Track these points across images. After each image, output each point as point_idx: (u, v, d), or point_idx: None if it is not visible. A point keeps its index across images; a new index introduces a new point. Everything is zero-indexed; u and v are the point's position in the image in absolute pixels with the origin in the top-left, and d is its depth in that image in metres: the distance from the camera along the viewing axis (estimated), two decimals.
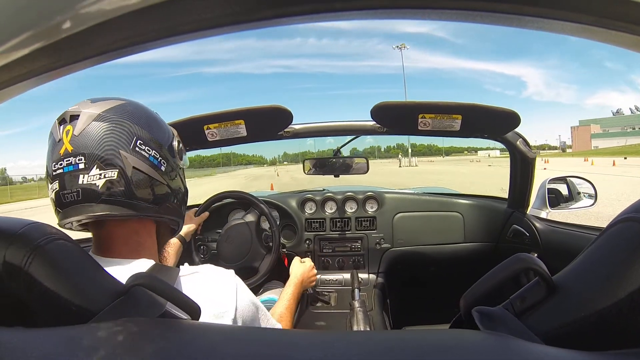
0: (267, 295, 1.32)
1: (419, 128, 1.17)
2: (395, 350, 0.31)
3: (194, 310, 0.44)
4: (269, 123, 1.25)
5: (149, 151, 0.57)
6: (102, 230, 0.57)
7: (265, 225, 1.47)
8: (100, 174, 0.52)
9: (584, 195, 1.48)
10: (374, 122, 1.28)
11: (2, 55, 0.27)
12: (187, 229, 1.26)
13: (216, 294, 0.58)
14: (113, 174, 0.53)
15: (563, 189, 1.51)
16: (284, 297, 1.08)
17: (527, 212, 1.42)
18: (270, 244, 1.40)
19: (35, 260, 0.40)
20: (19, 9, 0.25)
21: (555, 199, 1.45)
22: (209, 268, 0.62)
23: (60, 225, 0.56)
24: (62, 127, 0.54)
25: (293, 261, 1.34)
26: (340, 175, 1.58)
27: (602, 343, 0.33)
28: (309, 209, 1.73)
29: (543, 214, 1.37)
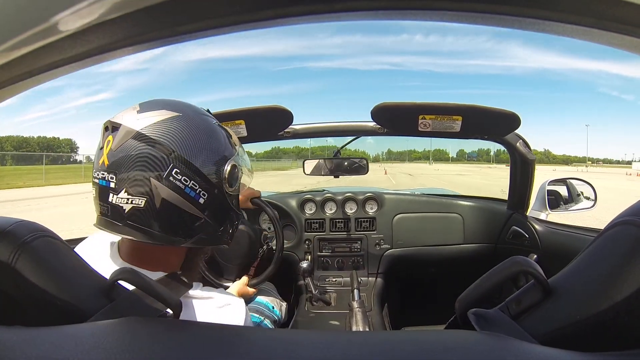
0: (261, 298, 1.30)
1: (419, 129, 1.17)
2: (394, 350, 0.31)
3: (175, 305, 0.44)
4: (269, 123, 1.25)
5: (186, 182, 0.51)
6: (132, 241, 0.55)
7: (265, 225, 1.46)
8: (128, 199, 0.50)
9: (584, 197, 1.48)
10: (374, 123, 1.28)
11: (2, 54, 0.27)
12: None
13: (229, 321, 0.55)
14: (140, 202, 0.50)
15: (563, 190, 1.51)
16: None
17: (527, 214, 1.42)
18: (270, 244, 1.40)
19: (22, 257, 0.41)
20: (19, 8, 0.25)
21: (554, 201, 1.45)
22: (222, 297, 0.58)
23: (95, 225, 0.55)
24: (106, 134, 0.52)
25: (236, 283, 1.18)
26: (339, 177, 1.58)
27: (598, 346, 0.32)
28: (309, 209, 1.73)
29: (543, 216, 1.37)
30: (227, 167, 0.56)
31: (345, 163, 1.58)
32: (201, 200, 0.53)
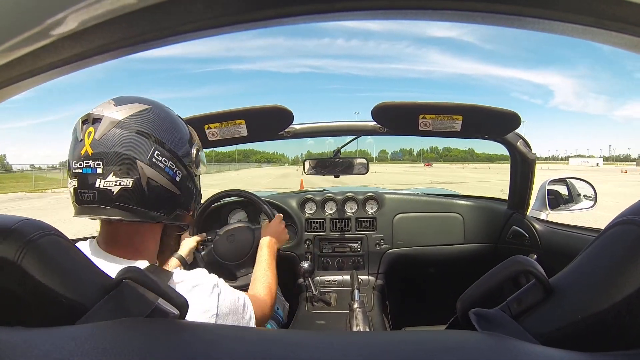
0: None
1: (420, 128, 1.17)
2: (395, 350, 0.31)
3: (182, 304, 0.44)
4: (269, 123, 1.25)
5: (166, 162, 0.59)
6: (111, 227, 0.60)
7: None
8: (117, 181, 0.55)
9: (584, 197, 1.48)
10: (375, 123, 1.28)
11: (2, 54, 0.27)
12: (188, 248, 1.18)
13: (198, 302, 0.58)
14: (128, 182, 0.55)
15: (563, 190, 1.50)
16: (260, 262, 1.03)
17: (527, 214, 1.42)
18: None
19: (27, 255, 0.41)
20: (19, 8, 0.25)
21: (555, 201, 1.45)
22: (192, 276, 0.62)
23: (75, 216, 0.59)
24: (85, 127, 0.56)
25: (263, 226, 1.24)
26: (340, 176, 1.58)
27: (599, 345, 0.32)
28: (309, 209, 1.73)
29: (543, 215, 1.37)
30: (194, 151, 0.65)
31: (346, 163, 1.58)
32: (177, 179, 0.61)
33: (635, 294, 0.31)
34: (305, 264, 1.45)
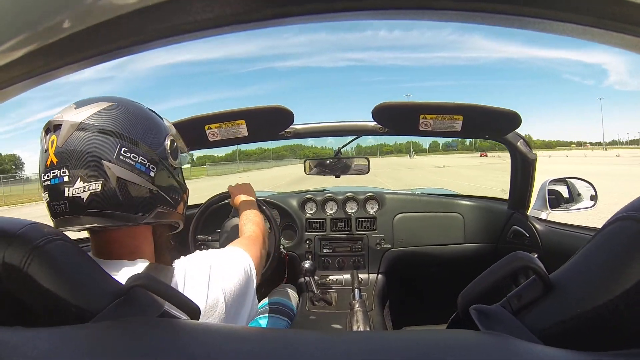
0: (275, 297, 1.31)
1: (420, 128, 1.17)
2: (395, 350, 0.31)
3: (193, 310, 0.43)
4: (270, 123, 1.25)
5: (135, 158, 0.55)
6: (98, 236, 0.57)
7: (265, 224, 1.46)
8: (84, 187, 0.51)
9: (584, 197, 1.48)
10: (375, 123, 1.28)
11: (2, 55, 0.27)
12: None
13: (195, 290, 0.56)
14: (97, 186, 0.52)
15: (563, 190, 1.50)
16: (245, 214, 0.96)
17: (528, 213, 1.42)
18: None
19: (34, 261, 0.40)
20: (18, 8, 0.25)
21: (555, 200, 1.45)
22: (181, 265, 0.60)
23: None
24: (48, 136, 0.53)
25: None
26: (341, 176, 1.58)
27: (598, 340, 0.33)
28: (310, 209, 1.73)
29: (543, 215, 1.37)
30: (167, 142, 0.60)
31: (346, 162, 1.58)
32: (151, 174, 0.57)
33: (633, 289, 0.31)
34: (307, 264, 1.45)
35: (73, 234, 0.54)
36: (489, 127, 1.21)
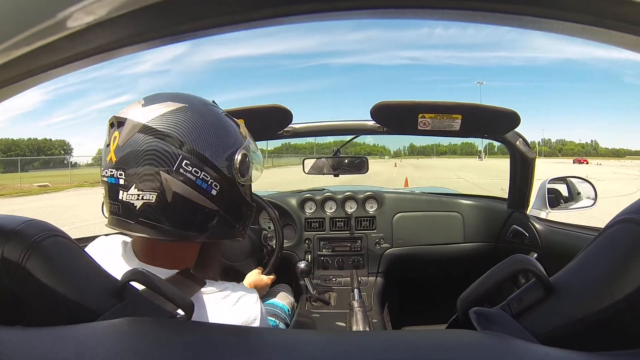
0: (273, 299, 1.31)
1: (419, 128, 1.17)
2: (394, 350, 0.31)
3: (187, 305, 0.43)
4: (269, 122, 1.25)
5: (197, 173, 0.50)
6: (146, 240, 0.54)
7: (265, 224, 1.46)
8: (139, 195, 0.48)
9: (584, 196, 1.48)
10: (374, 122, 1.28)
11: (2, 54, 0.27)
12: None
13: (240, 320, 0.54)
14: (151, 197, 0.48)
15: (563, 189, 1.51)
16: None
17: (527, 213, 1.42)
18: (270, 243, 1.39)
19: (32, 256, 0.40)
20: (19, 7, 0.25)
21: (555, 199, 1.45)
22: (235, 292, 0.56)
23: (107, 226, 0.55)
24: (112, 131, 0.51)
25: (251, 272, 1.18)
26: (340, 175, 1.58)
27: (599, 344, 0.32)
28: (309, 208, 1.72)
29: (543, 214, 1.37)
30: (238, 157, 0.54)
31: (345, 161, 1.58)
32: (213, 192, 0.52)
33: (635, 293, 0.31)
34: (302, 264, 1.45)
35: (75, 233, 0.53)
36: (488, 126, 1.22)
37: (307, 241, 1.68)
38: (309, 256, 1.65)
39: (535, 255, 1.28)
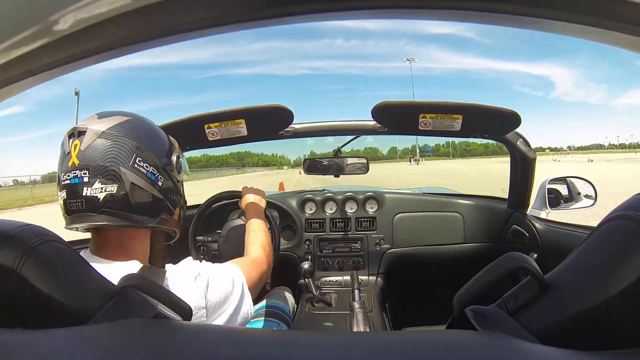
0: (275, 301, 1.31)
1: (420, 128, 1.17)
2: (394, 351, 0.31)
3: (185, 310, 0.44)
4: (269, 122, 1.25)
5: (147, 168, 0.62)
6: (101, 234, 0.62)
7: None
8: (102, 188, 0.58)
9: (584, 196, 1.48)
10: (375, 122, 1.28)
11: (2, 54, 0.27)
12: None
13: (184, 293, 0.56)
14: (113, 188, 0.58)
15: (563, 189, 1.50)
16: (251, 226, 0.97)
17: (527, 213, 1.42)
18: None
19: (27, 262, 0.40)
20: (18, 7, 0.25)
21: (555, 199, 1.45)
22: (174, 267, 0.62)
23: (66, 228, 0.61)
24: (71, 140, 0.60)
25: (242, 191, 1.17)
26: (340, 176, 1.58)
27: (593, 340, 0.33)
28: (309, 209, 1.72)
29: (543, 215, 1.37)
30: (174, 157, 0.69)
31: (346, 162, 1.57)
32: (160, 183, 0.64)
33: (628, 289, 0.31)
34: (306, 265, 1.45)
35: (72, 233, 0.54)
36: (489, 126, 1.22)
37: (307, 242, 1.68)
38: (310, 257, 1.65)
39: (536, 255, 1.27)
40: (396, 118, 1.22)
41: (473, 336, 0.35)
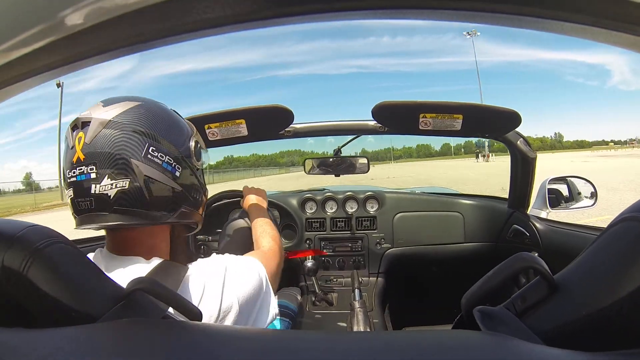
0: (283, 300, 1.31)
1: (420, 127, 1.17)
2: (395, 351, 0.31)
3: (195, 314, 0.43)
4: (269, 122, 1.25)
5: (162, 157, 0.55)
6: (117, 234, 0.58)
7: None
8: (112, 184, 0.52)
9: (584, 196, 1.48)
10: (375, 122, 1.28)
11: (2, 54, 0.27)
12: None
13: (210, 294, 0.55)
14: (124, 183, 0.52)
15: (563, 189, 1.50)
16: (257, 222, 0.95)
17: (528, 212, 1.42)
18: None
19: (34, 264, 0.39)
20: (19, 7, 0.25)
21: (555, 199, 1.45)
22: (197, 267, 0.59)
23: (76, 229, 0.56)
24: (74, 133, 0.53)
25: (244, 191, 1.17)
26: (340, 175, 1.58)
27: (603, 342, 0.32)
28: (310, 208, 1.72)
29: (543, 214, 1.37)
30: (192, 143, 0.61)
31: (346, 162, 1.57)
32: (177, 174, 0.57)
33: (638, 291, 0.31)
34: (309, 263, 1.45)
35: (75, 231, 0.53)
36: (489, 126, 1.22)
37: (308, 241, 1.68)
38: (310, 256, 1.65)
39: (536, 254, 1.27)
40: (396, 118, 1.22)
41: (475, 336, 0.35)
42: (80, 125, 0.53)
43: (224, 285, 0.57)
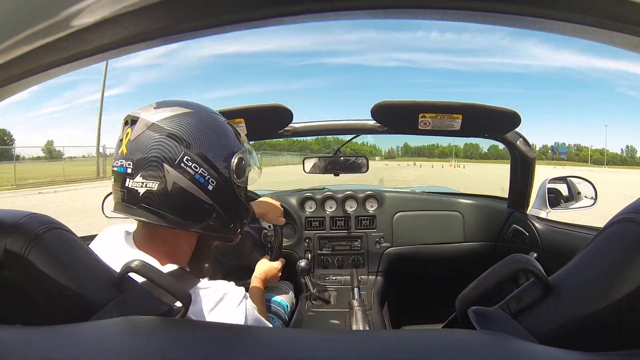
0: (273, 295, 1.31)
1: (419, 127, 1.17)
2: (394, 349, 0.31)
3: (185, 297, 0.45)
4: (269, 122, 1.25)
5: (196, 168, 0.56)
6: (147, 226, 0.60)
7: (265, 223, 1.46)
8: (143, 183, 0.55)
9: (584, 196, 1.48)
10: (374, 122, 1.28)
11: (3, 53, 0.27)
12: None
13: (225, 315, 0.57)
14: (154, 184, 0.55)
15: (563, 189, 1.50)
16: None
17: (527, 212, 1.42)
18: (271, 242, 1.39)
19: (34, 248, 0.41)
20: (19, 7, 0.25)
21: (555, 199, 1.45)
22: (221, 286, 0.60)
23: (110, 213, 0.62)
24: (125, 127, 0.58)
25: (260, 261, 1.20)
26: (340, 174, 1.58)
27: (598, 344, 0.33)
28: (309, 207, 1.72)
29: (543, 214, 1.37)
30: (235, 159, 0.61)
31: (346, 161, 1.57)
32: (210, 187, 0.58)
33: (635, 293, 0.31)
34: (302, 263, 1.45)
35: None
36: (489, 126, 1.22)
37: (307, 240, 1.68)
38: (309, 255, 1.65)
39: (535, 254, 1.28)
40: (396, 118, 1.22)
41: (472, 335, 0.35)
42: (130, 122, 0.57)
43: (239, 306, 0.59)
